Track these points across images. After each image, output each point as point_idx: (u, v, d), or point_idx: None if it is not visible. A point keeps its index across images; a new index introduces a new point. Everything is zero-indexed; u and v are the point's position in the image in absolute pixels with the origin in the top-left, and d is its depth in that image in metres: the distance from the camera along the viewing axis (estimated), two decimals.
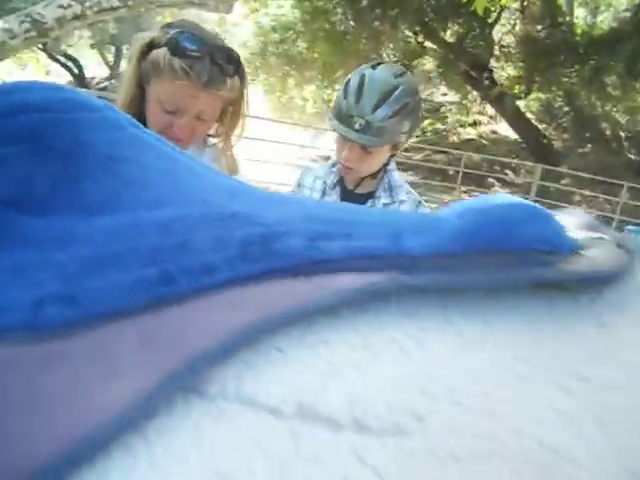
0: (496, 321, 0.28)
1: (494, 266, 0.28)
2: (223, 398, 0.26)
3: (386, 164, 1.43)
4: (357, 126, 1.30)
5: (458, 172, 8.39)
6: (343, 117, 1.32)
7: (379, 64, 1.38)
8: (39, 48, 13.07)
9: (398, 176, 1.46)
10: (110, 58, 17.14)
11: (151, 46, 0.92)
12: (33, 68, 14.10)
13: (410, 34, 10.22)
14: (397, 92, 1.31)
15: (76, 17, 4.40)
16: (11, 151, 0.34)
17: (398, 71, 1.36)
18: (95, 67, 17.59)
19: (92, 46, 16.12)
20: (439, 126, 15.66)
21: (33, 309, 0.28)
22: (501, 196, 0.37)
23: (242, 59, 0.99)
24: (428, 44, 10.51)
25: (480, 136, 14.96)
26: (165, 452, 0.24)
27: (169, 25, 0.95)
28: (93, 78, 17.04)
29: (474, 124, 15.31)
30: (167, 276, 0.29)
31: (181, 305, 0.28)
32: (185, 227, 0.32)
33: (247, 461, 0.24)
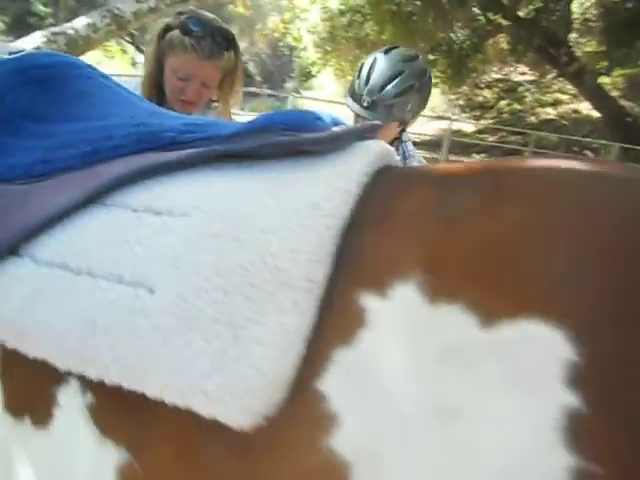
0: (264, 170, 0.51)
1: (264, 138, 0.51)
2: (124, 206, 0.50)
3: (399, 137, 1.61)
4: (365, 104, 1.48)
5: (533, 153, 8.27)
6: (355, 96, 1.51)
7: (392, 49, 1.56)
8: (126, 41, 13.97)
9: (412, 147, 1.64)
10: None
11: (167, 29, 1.20)
12: (120, 59, 15.19)
13: (479, 12, 10.04)
14: (403, 75, 1.48)
15: (151, 10, 4.85)
16: (27, 89, 0.60)
17: (407, 55, 1.54)
18: None
19: None
20: (517, 106, 15.18)
21: (29, 166, 0.55)
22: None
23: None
24: (500, 22, 10.25)
25: (560, 116, 14.34)
26: (84, 232, 0.50)
27: (180, 13, 1.23)
28: None
29: (554, 103, 14.72)
30: (96, 151, 0.55)
31: (103, 164, 0.54)
32: (113, 128, 0.57)
33: (128, 228, 0.49)
